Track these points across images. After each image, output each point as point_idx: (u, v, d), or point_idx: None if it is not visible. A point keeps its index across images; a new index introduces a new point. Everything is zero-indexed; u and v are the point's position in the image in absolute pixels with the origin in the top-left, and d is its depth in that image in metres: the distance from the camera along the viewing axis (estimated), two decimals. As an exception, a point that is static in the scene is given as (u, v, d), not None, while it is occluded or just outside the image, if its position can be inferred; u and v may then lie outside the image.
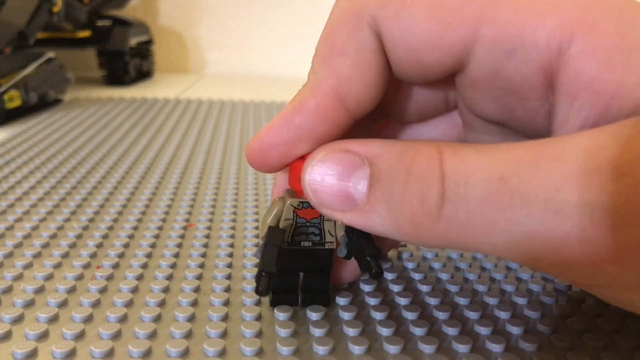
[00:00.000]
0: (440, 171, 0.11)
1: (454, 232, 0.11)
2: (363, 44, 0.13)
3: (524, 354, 0.14)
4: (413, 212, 0.12)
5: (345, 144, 0.13)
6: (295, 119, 0.14)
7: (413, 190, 0.12)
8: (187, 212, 0.24)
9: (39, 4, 0.45)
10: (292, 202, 0.15)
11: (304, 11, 0.73)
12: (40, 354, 0.14)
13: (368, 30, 0.13)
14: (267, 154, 0.14)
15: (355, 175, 0.13)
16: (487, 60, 0.13)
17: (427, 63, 0.13)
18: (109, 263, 0.19)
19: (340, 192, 0.13)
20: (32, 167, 0.30)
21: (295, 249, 0.15)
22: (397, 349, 0.14)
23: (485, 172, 0.11)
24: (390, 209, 0.12)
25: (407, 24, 0.13)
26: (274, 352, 0.14)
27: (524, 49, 0.12)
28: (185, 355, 0.14)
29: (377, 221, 0.12)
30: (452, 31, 0.13)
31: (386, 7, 0.13)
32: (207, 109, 0.48)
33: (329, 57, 0.14)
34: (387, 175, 0.12)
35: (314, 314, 0.16)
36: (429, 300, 0.17)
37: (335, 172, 0.13)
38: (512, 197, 0.11)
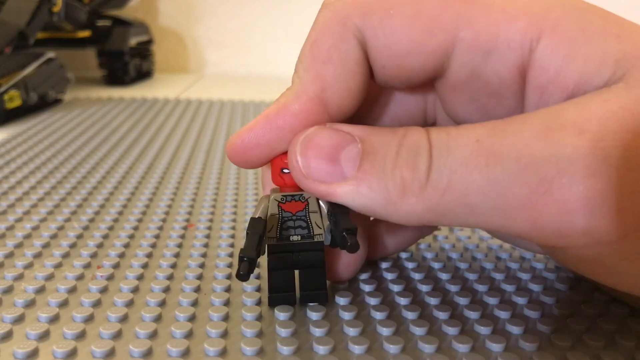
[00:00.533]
0: (428, 142, 0.13)
1: (437, 197, 0.12)
2: (347, 54, 0.14)
3: (524, 353, 0.14)
4: (404, 178, 0.12)
5: (335, 125, 0.14)
6: (278, 120, 0.14)
7: (404, 158, 0.13)
8: (188, 212, 0.24)
9: (39, 4, 0.45)
10: (275, 196, 0.15)
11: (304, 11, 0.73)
12: (41, 353, 0.14)
13: (352, 40, 0.14)
14: (248, 152, 0.15)
15: (346, 150, 0.13)
16: (467, 62, 0.14)
17: (410, 67, 0.14)
18: (110, 263, 0.19)
19: (331, 163, 0.13)
20: (33, 167, 0.30)
21: (285, 244, 0.15)
22: (398, 349, 0.14)
23: (464, 138, 0.12)
24: (381, 177, 0.13)
25: (390, 32, 0.14)
26: (274, 352, 0.14)
27: (499, 49, 0.13)
28: (186, 355, 0.14)
29: (365, 192, 0.13)
30: (433, 36, 0.13)
31: (370, 17, 0.14)
32: (207, 109, 0.48)
33: (313, 64, 0.14)
34: (378, 148, 0.13)
35: (314, 313, 0.16)
36: (429, 300, 0.17)
37: (325, 145, 0.13)
38: (488, 156, 0.12)
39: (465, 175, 0.12)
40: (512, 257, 0.20)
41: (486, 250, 0.21)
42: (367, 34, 0.14)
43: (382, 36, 0.14)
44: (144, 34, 0.65)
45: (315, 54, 0.14)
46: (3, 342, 0.14)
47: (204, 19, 0.75)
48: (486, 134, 0.12)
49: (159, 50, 0.73)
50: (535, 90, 0.13)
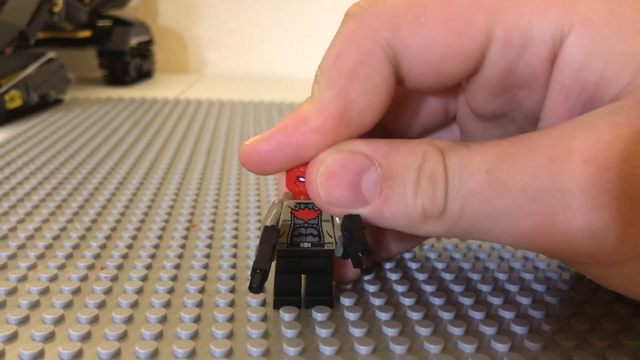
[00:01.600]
0: (444, 171, 0.13)
1: (453, 222, 0.13)
2: (375, 70, 0.14)
3: (529, 353, 0.15)
4: (424, 207, 0.13)
5: (353, 145, 0.14)
6: (297, 137, 0.14)
7: (424, 187, 0.13)
8: (190, 212, 0.24)
9: (40, 4, 0.45)
10: (289, 203, 0.15)
11: (304, 11, 0.73)
12: (47, 355, 0.14)
13: (381, 55, 0.13)
14: (264, 164, 0.15)
15: (366, 175, 0.13)
16: (501, 58, 0.14)
17: (448, 72, 0.14)
18: (113, 264, 0.19)
19: (352, 191, 0.13)
20: (34, 168, 0.30)
21: (295, 250, 0.15)
22: (403, 349, 0.14)
23: (474, 166, 0.12)
24: (403, 205, 0.13)
25: (424, 40, 0.13)
26: (280, 353, 0.14)
27: (533, 44, 0.13)
28: (192, 356, 0.14)
29: (388, 216, 0.13)
30: (469, 38, 0.13)
31: (401, 29, 0.13)
32: (207, 109, 0.48)
33: (337, 79, 0.14)
34: (399, 174, 0.13)
35: (320, 314, 0.16)
36: (433, 300, 0.17)
37: (345, 172, 0.13)
38: (496, 187, 0.12)
39: (475, 206, 0.12)
40: (515, 257, 0.20)
41: (489, 251, 0.21)
42: (399, 47, 0.13)
43: (416, 46, 0.13)
44: (144, 34, 0.65)
45: (339, 68, 0.14)
46: (9, 343, 0.14)
47: (204, 19, 0.75)
48: (495, 164, 0.12)
49: (159, 50, 0.73)
50: (558, 87, 0.13)
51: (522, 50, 0.13)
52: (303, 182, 0.15)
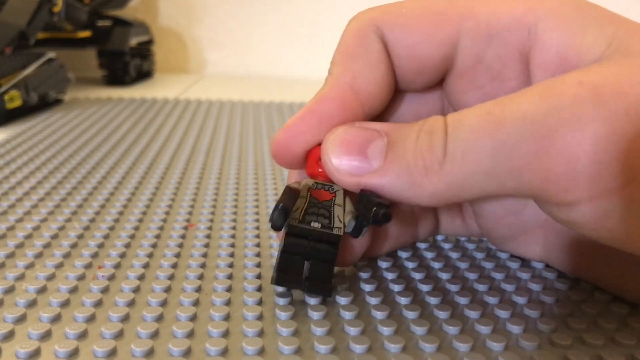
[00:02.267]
0: (444, 122, 0.14)
1: (455, 169, 0.13)
2: (370, 47, 0.16)
3: (524, 352, 0.15)
4: (424, 159, 0.13)
5: (363, 123, 0.15)
6: (318, 107, 0.16)
7: (423, 141, 0.14)
8: (188, 212, 0.24)
9: (40, 4, 0.45)
10: (307, 181, 0.16)
11: (304, 11, 0.73)
12: (43, 353, 0.14)
13: (374, 36, 0.16)
14: (292, 141, 0.16)
15: (372, 144, 0.14)
16: (471, 48, 0.16)
17: (422, 57, 0.16)
18: (111, 263, 0.19)
19: (359, 158, 0.14)
20: (33, 167, 0.30)
21: (305, 229, 0.15)
22: (398, 348, 0.14)
23: (475, 110, 0.13)
24: (404, 162, 0.14)
25: (403, 27, 0.16)
26: (275, 351, 0.14)
27: (500, 34, 0.15)
28: (187, 355, 0.14)
29: (391, 179, 0.14)
30: (440, 28, 0.16)
31: (387, 16, 0.16)
32: (206, 109, 0.48)
33: (342, 59, 0.16)
34: (401, 138, 0.14)
35: (316, 313, 0.16)
36: (429, 299, 0.17)
37: (354, 141, 0.15)
38: (496, 121, 0.13)
39: (476, 143, 0.13)
40: (511, 256, 0.20)
41: (486, 250, 0.21)
42: (385, 30, 0.16)
43: (396, 30, 0.16)
44: (144, 34, 0.65)
45: (343, 52, 0.16)
46: (5, 341, 0.14)
47: (204, 19, 0.75)
48: (495, 105, 0.13)
49: (159, 50, 0.73)
50: (541, 68, 0.15)
51: (491, 40, 0.15)
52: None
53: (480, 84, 0.16)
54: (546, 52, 0.15)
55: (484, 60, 0.16)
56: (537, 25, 0.15)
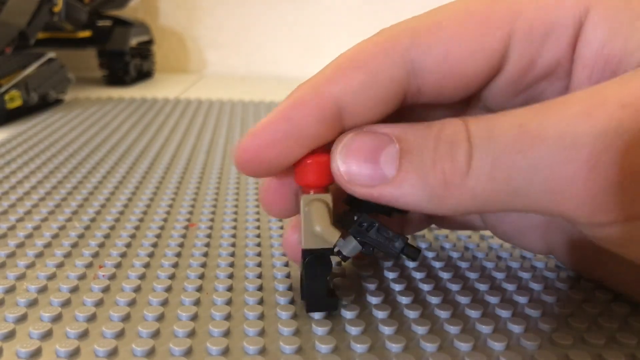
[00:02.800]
0: (467, 132, 0.12)
1: (481, 185, 0.12)
2: (384, 68, 0.14)
3: (525, 352, 0.15)
4: (444, 171, 0.12)
5: (371, 127, 0.14)
6: (294, 113, 0.14)
7: (443, 152, 0.12)
8: (189, 211, 0.24)
9: (40, 4, 0.45)
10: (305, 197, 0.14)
11: (304, 11, 0.73)
12: (44, 353, 0.14)
13: (398, 59, 0.14)
14: (263, 152, 0.14)
15: (384, 152, 0.13)
16: (525, 51, 0.14)
17: (470, 73, 0.14)
18: (111, 262, 0.19)
19: (370, 168, 0.13)
20: (33, 167, 0.30)
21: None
22: (400, 348, 0.14)
23: (505, 123, 0.12)
24: (422, 175, 0.13)
25: (446, 43, 0.14)
26: (277, 351, 0.14)
27: (554, 30, 0.14)
28: (188, 354, 0.14)
29: (407, 190, 0.13)
30: (490, 36, 0.14)
31: (421, 35, 0.14)
32: (207, 109, 0.48)
33: (344, 66, 0.14)
34: (416, 146, 0.13)
35: (316, 313, 0.16)
36: (430, 299, 0.17)
37: (364, 150, 0.13)
38: (531, 139, 0.12)
39: (509, 160, 0.12)
40: (512, 256, 0.20)
41: (487, 250, 0.21)
42: (418, 52, 0.14)
43: (436, 49, 0.14)
44: (144, 34, 0.65)
45: (351, 58, 0.14)
46: (6, 341, 0.14)
47: (204, 19, 0.75)
48: (529, 118, 0.12)
49: (159, 50, 0.73)
50: (583, 67, 0.14)
51: (545, 38, 0.14)
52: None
53: (527, 86, 0.15)
54: (588, 47, 0.13)
55: (537, 61, 0.14)
56: (587, 16, 0.13)
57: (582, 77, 0.14)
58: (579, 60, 0.14)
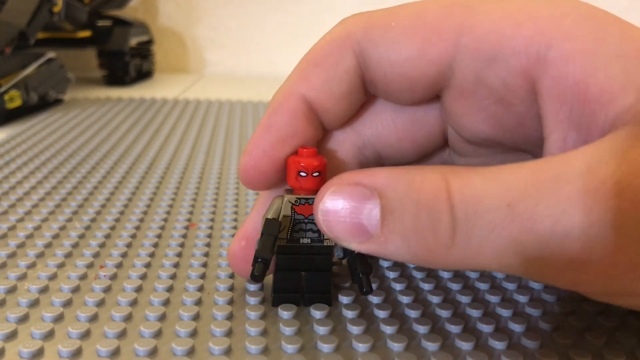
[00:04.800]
0: (449, 202, 0.12)
1: (468, 258, 0.12)
2: (338, 61, 0.15)
3: (526, 351, 0.15)
4: (427, 242, 0.12)
5: (354, 176, 0.13)
6: (273, 121, 0.15)
7: (424, 222, 0.12)
8: (189, 211, 0.24)
9: (40, 4, 0.45)
10: (289, 198, 0.15)
11: (304, 11, 0.73)
12: (47, 353, 0.14)
13: (349, 51, 0.15)
14: (259, 163, 0.15)
15: (366, 208, 0.13)
16: (470, 69, 0.14)
17: (411, 76, 0.14)
18: (112, 263, 0.19)
19: (354, 225, 0.13)
20: (33, 167, 0.30)
21: (294, 245, 0.15)
22: (401, 347, 0.14)
23: (493, 200, 0.11)
24: (404, 239, 0.12)
25: (391, 42, 0.14)
26: (279, 350, 0.14)
27: (503, 55, 0.13)
28: (191, 354, 0.14)
29: (392, 250, 0.13)
30: (434, 46, 0.14)
31: (372, 30, 0.14)
32: (206, 109, 0.48)
33: (304, 67, 0.15)
34: (397, 206, 0.12)
35: (318, 312, 0.16)
36: (431, 298, 0.17)
37: (346, 206, 0.13)
38: (521, 222, 0.11)
39: (497, 242, 0.11)
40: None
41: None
42: (367, 45, 0.14)
43: (382, 47, 0.14)
44: (144, 34, 0.65)
45: (309, 59, 0.15)
46: (8, 341, 0.14)
47: (204, 19, 0.75)
48: (519, 197, 0.11)
49: (159, 50, 0.73)
50: (554, 99, 0.13)
51: (492, 62, 0.13)
52: (304, 177, 0.15)
53: (483, 105, 0.14)
54: (561, 83, 0.13)
55: (484, 82, 0.14)
56: (549, 51, 0.12)
57: (560, 115, 0.13)
58: (550, 95, 0.13)
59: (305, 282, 0.16)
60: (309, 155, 0.15)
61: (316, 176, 0.15)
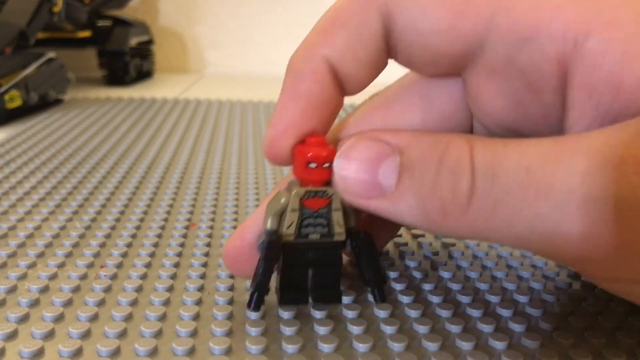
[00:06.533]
0: (471, 162, 0.12)
1: (481, 222, 0.12)
2: (365, 23, 0.13)
3: (526, 351, 0.15)
4: (443, 201, 0.12)
5: (376, 132, 0.13)
6: (298, 87, 0.14)
7: (444, 181, 0.12)
8: (189, 211, 0.24)
9: (40, 4, 0.45)
10: (298, 191, 0.14)
11: (304, 11, 0.73)
12: (47, 352, 0.14)
13: (375, 12, 0.13)
14: (285, 137, 0.14)
15: (384, 163, 0.13)
16: (502, 49, 0.13)
17: (437, 50, 0.13)
18: (113, 262, 0.19)
19: (369, 179, 0.13)
20: (33, 167, 0.30)
21: (303, 243, 0.15)
22: (401, 347, 0.14)
23: (511, 163, 0.11)
24: (420, 197, 0.12)
25: (420, 10, 0.13)
26: (279, 350, 0.14)
27: (538, 39, 0.12)
28: (191, 354, 0.14)
29: (404, 209, 0.12)
30: (465, 19, 0.13)
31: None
32: (206, 109, 0.48)
33: (327, 27, 0.14)
34: (418, 164, 0.12)
35: (318, 312, 0.16)
36: (431, 298, 0.17)
37: (364, 158, 0.13)
38: (538, 188, 0.11)
39: (512, 206, 0.11)
40: (513, 255, 0.20)
41: (487, 249, 0.21)
42: (395, 9, 0.13)
43: (410, 13, 0.13)
44: (144, 34, 0.65)
45: (332, 18, 0.14)
46: (9, 341, 0.14)
47: (204, 19, 0.75)
48: (537, 162, 0.11)
49: (159, 50, 0.73)
50: (583, 89, 0.12)
51: (525, 45, 0.12)
52: (313, 168, 0.14)
53: (512, 89, 0.13)
54: (595, 73, 0.12)
55: (515, 65, 0.13)
56: (588, 38, 0.12)
57: (587, 105, 0.12)
58: (583, 85, 0.12)
59: (314, 278, 0.16)
60: (317, 145, 0.14)
61: (327, 167, 0.14)
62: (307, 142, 0.14)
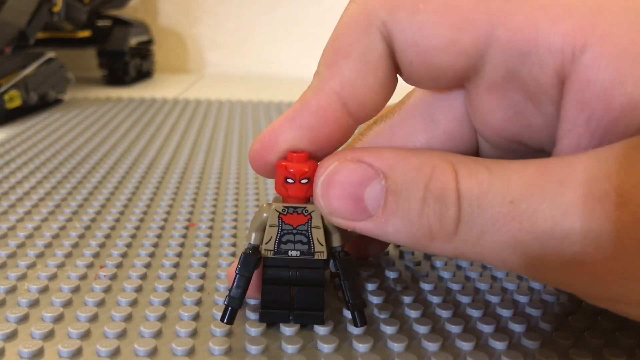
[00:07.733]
0: (457, 192, 0.12)
1: (467, 248, 0.12)
2: (369, 48, 0.13)
3: (526, 351, 0.15)
4: (430, 228, 0.12)
5: (357, 154, 0.13)
6: (298, 118, 0.14)
7: (431, 208, 0.12)
8: (189, 211, 0.24)
9: (39, 4, 0.45)
10: (276, 207, 0.14)
11: (304, 11, 0.73)
12: (47, 353, 0.14)
13: (377, 34, 0.13)
14: (267, 152, 0.14)
15: (369, 187, 0.13)
16: (502, 62, 0.13)
17: (439, 66, 0.13)
18: (112, 263, 0.19)
19: (354, 203, 0.13)
20: (33, 167, 0.30)
21: (282, 259, 0.14)
22: (401, 347, 0.14)
23: (496, 195, 0.12)
24: (407, 222, 0.12)
25: (418, 27, 0.13)
26: (279, 350, 0.14)
27: (537, 52, 0.12)
28: (191, 354, 0.14)
29: (390, 231, 0.13)
30: (465, 34, 0.13)
31: (397, 12, 0.13)
32: (206, 109, 0.48)
33: (333, 59, 0.14)
34: (403, 189, 0.12)
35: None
36: (431, 298, 0.17)
37: (348, 183, 0.13)
38: (522, 221, 0.11)
39: (497, 236, 0.12)
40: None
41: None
42: (393, 29, 0.13)
43: (409, 31, 0.13)
44: (144, 34, 0.65)
45: (336, 48, 0.14)
46: (8, 341, 0.14)
47: (204, 19, 0.75)
48: (521, 195, 0.11)
49: (159, 50, 0.73)
50: (576, 104, 0.12)
51: (525, 57, 0.12)
52: (291, 183, 0.14)
53: (513, 101, 0.13)
54: (588, 89, 0.12)
55: (516, 78, 0.13)
56: (584, 52, 0.12)
57: (578, 120, 0.12)
58: (576, 99, 0.12)
59: (296, 298, 0.15)
60: (298, 160, 0.14)
61: (304, 183, 0.14)
62: (289, 157, 0.14)
